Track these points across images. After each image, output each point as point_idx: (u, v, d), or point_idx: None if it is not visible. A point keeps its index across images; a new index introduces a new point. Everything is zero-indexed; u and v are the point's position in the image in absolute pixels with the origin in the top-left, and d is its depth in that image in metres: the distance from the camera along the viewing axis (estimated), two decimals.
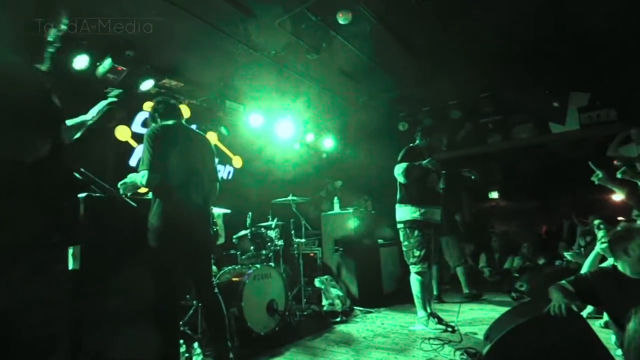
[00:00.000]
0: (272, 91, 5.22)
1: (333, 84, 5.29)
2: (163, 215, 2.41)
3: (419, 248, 3.57)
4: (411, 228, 3.63)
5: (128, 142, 4.36)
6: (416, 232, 3.60)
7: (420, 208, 3.62)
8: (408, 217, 3.66)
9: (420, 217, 3.61)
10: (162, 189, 2.44)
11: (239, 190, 4.91)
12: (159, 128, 2.57)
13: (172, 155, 2.47)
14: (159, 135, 2.49)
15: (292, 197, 4.62)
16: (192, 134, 2.74)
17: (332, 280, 4.86)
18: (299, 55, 4.31)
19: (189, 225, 2.49)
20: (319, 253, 5.43)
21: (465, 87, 5.66)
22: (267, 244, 4.04)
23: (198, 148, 2.68)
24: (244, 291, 3.46)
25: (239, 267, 3.89)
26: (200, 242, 2.60)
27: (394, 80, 5.28)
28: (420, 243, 3.58)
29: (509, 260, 6.23)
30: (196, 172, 2.58)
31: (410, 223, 3.64)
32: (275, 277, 3.89)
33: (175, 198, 2.44)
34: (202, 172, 2.64)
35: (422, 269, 3.57)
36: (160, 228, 2.40)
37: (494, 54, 4.57)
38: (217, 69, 4.58)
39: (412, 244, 3.62)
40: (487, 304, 4.80)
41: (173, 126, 2.61)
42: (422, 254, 3.56)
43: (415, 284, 3.61)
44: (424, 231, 3.59)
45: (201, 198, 2.59)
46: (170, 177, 2.45)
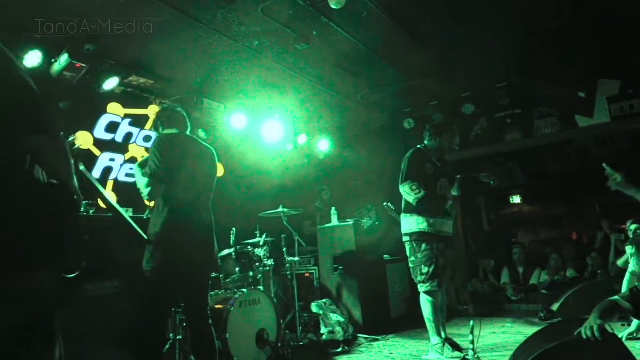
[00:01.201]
0: (257, 88, 5.22)
1: (327, 77, 5.31)
2: (167, 224, 2.46)
3: (427, 264, 3.55)
4: (418, 241, 3.63)
5: (90, 150, 4.35)
6: (424, 246, 3.58)
7: (428, 219, 3.62)
8: (414, 229, 3.65)
9: (428, 229, 3.61)
10: (167, 202, 2.52)
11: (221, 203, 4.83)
12: (168, 136, 2.72)
13: (181, 168, 2.57)
14: (167, 144, 2.61)
15: (282, 209, 4.61)
16: (200, 146, 2.87)
17: (332, 305, 4.84)
18: (287, 45, 4.32)
19: (194, 243, 2.56)
20: (316, 273, 5.42)
21: (479, 77, 5.70)
22: (254, 264, 4.03)
23: (207, 162, 2.82)
24: (228, 320, 3.44)
25: (222, 292, 3.87)
26: (203, 265, 2.68)
27: (397, 71, 5.31)
28: (429, 258, 3.56)
29: (535, 274, 6.23)
30: (205, 188, 2.73)
31: (417, 236, 3.64)
32: (265, 303, 3.87)
33: (182, 213, 2.52)
34: (211, 189, 2.78)
35: (432, 288, 3.55)
36: (161, 239, 2.44)
37: (511, 37, 4.61)
38: (192, 63, 4.58)
39: (419, 259, 3.60)
40: (511, 326, 4.80)
41: (181, 136, 2.76)
42: (431, 270, 3.53)
43: (426, 305, 3.59)
44: (432, 245, 3.58)
45: (209, 217, 2.72)
46: (178, 191, 2.53)
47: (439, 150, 3.82)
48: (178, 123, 2.84)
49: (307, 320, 4.75)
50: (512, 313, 5.70)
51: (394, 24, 4.18)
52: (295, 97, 5.57)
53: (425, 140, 3.89)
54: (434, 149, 3.83)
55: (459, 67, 5.25)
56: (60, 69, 3.81)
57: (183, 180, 2.55)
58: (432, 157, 3.78)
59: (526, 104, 6.01)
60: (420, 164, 3.69)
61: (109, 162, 4.45)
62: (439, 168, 3.79)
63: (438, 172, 3.76)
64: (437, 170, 3.77)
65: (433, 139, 3.83)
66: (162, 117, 2.88)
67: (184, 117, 2.90)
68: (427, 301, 3.57)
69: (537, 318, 5.01)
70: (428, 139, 3.87)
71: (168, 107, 2.98)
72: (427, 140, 3.87)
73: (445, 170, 3.86)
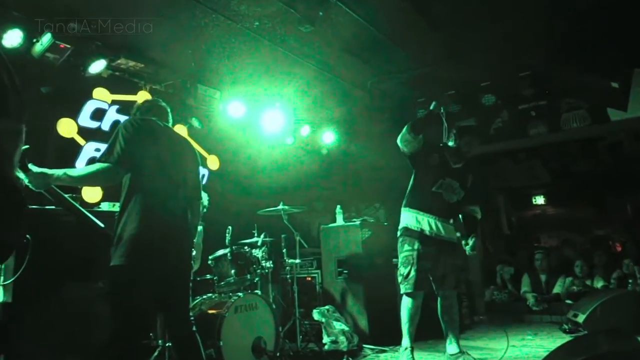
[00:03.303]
0: (257, 74, 5.22)
1: (333, 63, 5.30)
2: (139, 225, 2.39)
3: (405, 265, 3.62)
4: (404, 237, 3.69)
5: (74, 139, 4.36)
6: (406, 246, 3.64)
7: (417, 214, 3.67)
8: (404, 224, 3.73)
9: (415, 227, 3.65)
10: (136, 193, 2.46)
11: (216, 199, 4.89)
12: (139, 119, 2.67)
13: (150, 153, 2.51)
14: (136, 127, 2.54)
15: (282, 207, 4.61)
16: (176, 135, 2.86)
17: (335, 312, 4.84)
18: (290, 27, 4.31)
19: (168, 242, 2.50)
20: (318, 277, 5.41)
21: (500, 65, 5.66)
22: (251, 266, 4.03)
23: (182, 152, 2.76)
24: (222, 327, 3.43)
25: (216, 297, 3.87)
26: (180, 265, 2.62)
27: (409, 56, 5.29)
28: (408, 261, 3.60)
29: (558, 282, 6.22)
30: (179, 181, 2.65)
31: (403, 232, 3.71)
32: (263, 309, 3.87)
33: (152, 207, 2.46)
34: (186, 181, 2.70)
35: (407, 290, 3.60)
36: (133, 241, 2.37)
37: (537, 20, 4.58)
38: (186, 46, 4.58)
39: (400, 259, 3.69)
40: (532, 339, 4.79)
41: (152, 121, 2.71)
42: (407, 272, 3.59)
43: (402, 306, 3.67)
44: (414, 245, 3.61)
45: (183, 211, 2.64)
46: (147, 180, 2.48)
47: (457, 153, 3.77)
48: (157, 114, 2.81)
49: (308, 328, 4.75)
50: (533, 324, 5.70)
51: (406, 4, 4.16)
52: (298, 84, 5.57)
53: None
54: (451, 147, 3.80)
55: (477, 53, 5.22)
56: (42, 49, 3.81)
57: (151, 168, 2.49)
58: (444, 152, 3.77)
59: (552, 94, 5.98)
60: (429, 148, 3.70)
61: (94, 153, 4.45)
62: (448, 166, 3.75)
63: (444, 170, 3.73)
64: (445, 167, 3.74)
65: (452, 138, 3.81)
66: (142, 107, 2.89)
67: (166, 112, 2.89)
68: (404, 303, 3.64)
69: (560, 330, 4.99)
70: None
71: (152, 99, 3.01)
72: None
73: (460, 175, 3.79)
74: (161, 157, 2.57)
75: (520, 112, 6.21)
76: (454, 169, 3.76)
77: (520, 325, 5.64)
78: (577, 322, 4.66)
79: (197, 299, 3.83)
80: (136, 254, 2.36)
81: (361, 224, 5.22)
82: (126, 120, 2.64)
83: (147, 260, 2.40)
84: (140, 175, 2.47)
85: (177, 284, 2.61)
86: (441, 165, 3.72)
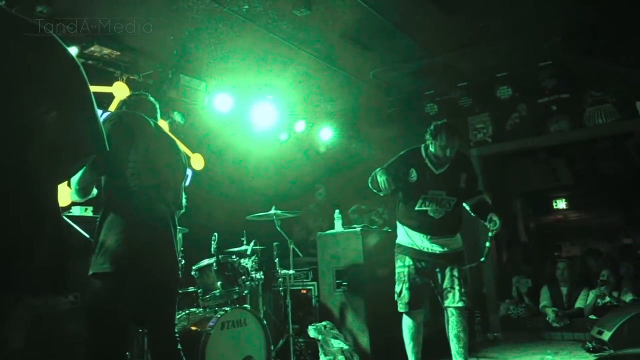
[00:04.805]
0: (246, 63, 5.23)
1: (332, 51, 5.31)
2: (124, 230, 2.42)
3: (398, 282, 3.79)
4: (396, 253, 3.88)
5: None
6: (399, 262, 3.82)
7: (407, 230, 3.84)
8: (397, 239, 3.94)
9: (406, 243, 3.83)
10: (118, 196, 2.49)
11: (200, 202, 4.90)
12: (122, 113, 2.77)
13: (133, 151, 2.53)
14: (117, 122, 2.59)
15: (275, 211, 4.61)
16: (163, 134, 2.90)
17: (334, 328, 4.85)
18: (283, 11, 4.32)
19: (155, 249, 2.53)
20: (314, 289, 5.42)
21: (517, 54, 5.69)
22: (240, 277, 4.05)
23: (167, 150, 2.79)
24: (207, 345, 3.44)
25: (201, 312, 3.88)
26: (168, 276, 2.64)
27: (417, 44, 5.30)
28: (400, 278, 3.78)
29: (582, 295, 6.23)
30: (166, 182, 2.68)
31: (396, 246, 3.91)
32: (253, 325, 3.88)
33: (138, 210, 2.48)
34: (170, 182, 2.72)
35: (401, 309, 3.76)
36: (118, 248, 2.38)
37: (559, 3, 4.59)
38: (167, 32, 4.58)
39: (395, 276, 3.84)
40: (552, 358, 4.80)
41: (134, 114, 2.75)
42: (400, 291, 3.76)
43: (402, 327, 3.83)
44: (405, 261, 3.77)
45: (170, 215, 2.68)
46: (131, 181, 2.50)
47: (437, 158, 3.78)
48: (143, 109, 2.85)
49: (303, 346, 4.76)
50: (554, 342, 5.71)
51: None
52: (292, 74, 5.58)
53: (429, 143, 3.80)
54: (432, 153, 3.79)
55: (493, 41, 5.24)
56: None
57: (135, 168, 2.51)
58: (426, 162, 3.77)
59: (576, 87, 6.00)
60: (403, 165, 3.77)
61: None
62: (430, 177, 3.75)
63: (425, 183, 3.73)
64: (425, 179, 3.74)
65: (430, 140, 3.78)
66: (128, 101, 2.96)
67: (154, 108, 2.94)
68: (404, 323, 3.81)
69: (583, 349, 5.01)
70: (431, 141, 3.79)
71: (139, 93, 3.05)
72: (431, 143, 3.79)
73: (446, 180, 3.77)
74: (147, 156, 2.59)
75: (540, 107, 6.23)
76: (436, 176, 3.75)
77: (540, 343, 5.65)
78: (602, 340, 4.68)
79: (180, 314, 3.82)
80: (121, 260, 2.38)
81: (362, 230, 5.22)
82: (110, 114, 2.71)
83: (132, 269, 2.41)
84: (122, 175, 2.49)
85: (162, 297, 2.63)
86: (421, 178, 3.73)
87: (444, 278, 3.73)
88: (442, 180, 3.76)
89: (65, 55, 1.70)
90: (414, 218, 3.80)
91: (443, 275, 3.73)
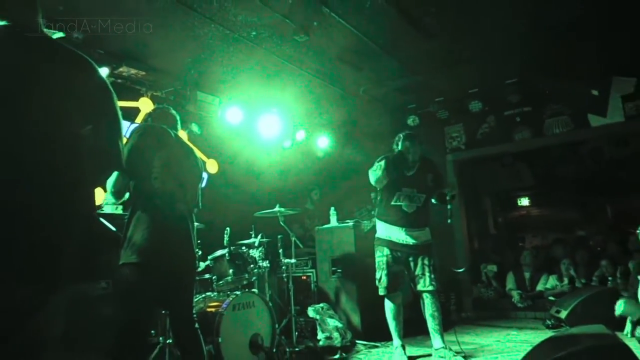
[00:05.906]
0: (254, 80, 5.22)
1: (328, 70, 5.30)
2: (150, 227, 2.45)
3: (378, 269, 3.95)
4: (376, 245, 4.02)
5: None
6: (378, 252, 3.96)
7: (386, 225, 3.95)
8: (377, 232, 4.07)
9: (384, 236, 3.96)
10: (145, 196, 2.52)
11: (214, 201, 4.90)
12: (148, 125, 2.82)
13: (157, 158, 2.56)
14: (143, 132, 2.64)
15: (279, 209, 4.61)
16: (183, 143, 2.93)
17: (330, 309, 4.85)
18: (285, 37, 4.32)
19: (176, 243, 2.57)
20: (313, 276, 5.42)
21: (487, 73, 5.69)
22: (249, 265, 4.04)
23: (186, 157, 2.82)
24: (221, 324, 3.44)
25: (215, 295, 3.87)
26: (186, 265, 2.67)
27: (400, 65, 5.31)
28: (379, 266, 3.93)
29: (542, 279, 6.25)
30: (185, 185, 2.71)
31: (376, 239, 4.05)
32: (260, 307, 3.88)
33: (161, 209, 2.51)
34: (188, 184, 2.75)
35: (381, 292, 3.91)
36: (145, 242, 2.42)
37: (522, 30, 4.61)
38: (185, 54, 4.57)
39: (376, 264, 3.98)
40: (517, 334, 4.81)
41: (158, 127, 2.78)
42: (379, 276, 3.91)
43: (386, 308, 3.96)
44: (384, 252, 3.91)
45: (189, 214, 2.72)
46: (156, 184, 2.53)
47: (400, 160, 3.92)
48: (166, 121, 2.88)
49: (304, 325, 4.76)
50: (518, 320, 5.73)
51: (397, 15, 4.18)
52: (293, 90, 5.56)
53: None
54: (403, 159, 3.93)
55: (466, 62, 5.25)
56: None
57: (159, 172, 2.53)
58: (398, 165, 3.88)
59: (537, 101, 6.01)
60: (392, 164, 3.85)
61: None
62: (403, 176, 3.91)
63: (399, 182, 3.90)
64: (399, 179, 3.90)
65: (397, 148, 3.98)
66: (153, 114, 2.99)
67: (175, 120, 2.97)
68: (386, 305, 3.95)
69: (544, 326, 5.02)
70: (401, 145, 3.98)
71: (162, 106, 3.09)
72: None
73: (416, 180, 3.94)
74: (169, 162, 2.62)
75: (506, 118, 6.25)
76: (408, 177, 3.93)
77: (506, 321, 5.67)
78: (559, 318, 4.69)
79: (197, 297, 3.82)
80: (146, 253, 2.41)
81: (354, 225, 5.23)
82: (138, 126, 2.73)
83: (157, 260, 2.44)
84: (147, 179, 2.52)
85: (181, 283, 2.65)
86: (397, 178, 3.89)
87: (416, 266, 3.85)
88: (412, 180, 3.94)
89: (98, 75, 1.70)
90: (391, 213, 3.91)
91: (415, 263, 3.86)
